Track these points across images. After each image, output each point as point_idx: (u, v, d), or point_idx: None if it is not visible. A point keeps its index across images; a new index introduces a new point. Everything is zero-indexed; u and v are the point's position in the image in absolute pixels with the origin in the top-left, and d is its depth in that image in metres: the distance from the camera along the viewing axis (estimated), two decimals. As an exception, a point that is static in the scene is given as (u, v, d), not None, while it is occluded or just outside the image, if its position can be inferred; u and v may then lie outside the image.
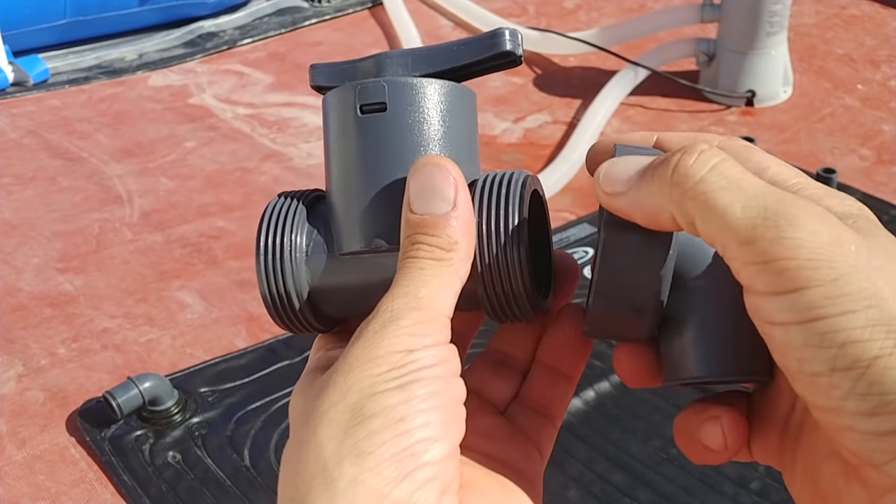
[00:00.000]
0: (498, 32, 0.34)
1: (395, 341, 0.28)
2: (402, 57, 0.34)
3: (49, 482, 0.98)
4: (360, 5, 2.16)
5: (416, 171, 0.32)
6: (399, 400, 0.27)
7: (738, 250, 0.27)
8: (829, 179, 1.41)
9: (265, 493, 0.96)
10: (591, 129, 1.58)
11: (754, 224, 0.26)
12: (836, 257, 0.26)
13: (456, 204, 0.31)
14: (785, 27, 1.68)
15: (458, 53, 0.34)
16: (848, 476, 0.27)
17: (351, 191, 0.34)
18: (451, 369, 0.29)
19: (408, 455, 0.27)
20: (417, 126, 0.33)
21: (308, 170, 1.55)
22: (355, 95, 0.33)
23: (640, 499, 0.94)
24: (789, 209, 0.26)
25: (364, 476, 0.26)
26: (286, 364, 1.13)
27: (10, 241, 1.38)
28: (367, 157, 0.33)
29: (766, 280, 0.26)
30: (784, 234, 0.26)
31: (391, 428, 0.27)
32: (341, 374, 0.28)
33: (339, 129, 0.34)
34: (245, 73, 1.89)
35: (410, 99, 0.33)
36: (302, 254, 0.34)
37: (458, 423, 0.29)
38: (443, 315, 0.30)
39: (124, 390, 1.02)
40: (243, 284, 1.27)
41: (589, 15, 2.12)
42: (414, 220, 0.31)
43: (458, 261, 0.31)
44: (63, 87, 1.83)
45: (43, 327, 1.20)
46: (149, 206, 1.46)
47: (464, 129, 0.34)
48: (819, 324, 0.25)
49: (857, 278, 0.25)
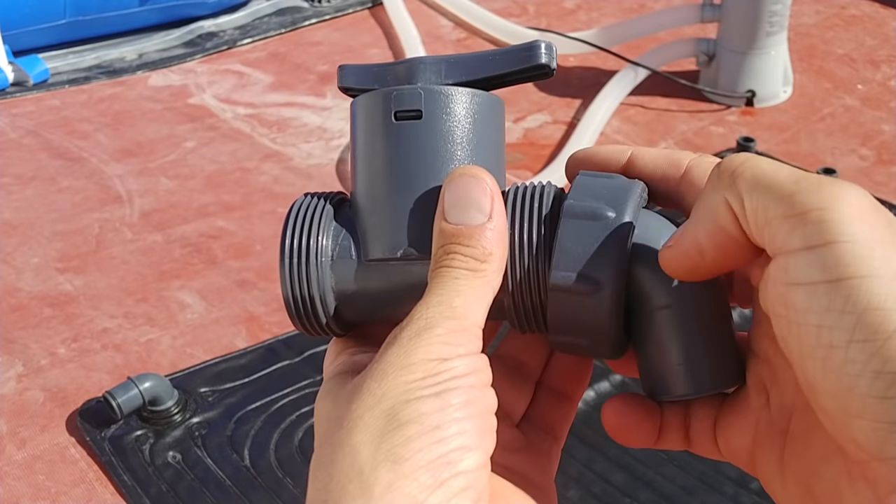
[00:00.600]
0: (534, 45, 0.34)
1: (429, 349, 0.29)
2: (435, 64, 0.34)
3: (49, 482, 0.98)
4: (360, 5, 2.16)
5: (453, 180, 0.32)
6: (435, 408, 0.27)
7: (778, 205, 0.27)
8: (829, 179, 1.41)
9: (265, 493, 0.96)
10: (591, 129, 1.58)
11: (797, 180, 0.27)
12: (872, 220, 0.26)
13: (492, 216, 0.31)
14: (785, 27, 1.68)
15: (493, 63, 0.34)
16: (851, 475, 0.27)
17: (380, 196, 0.33)
18: (483, 379, 0.29)
19: (444, 463, 0.27)
20: (451, 135, 0.33)
21: (308, 170, 1.55)
22: (391, 101, 0.33)
23: (640, 499, 0.94)
24: (830, 182, 0.27)
25: (400, 482, 0.26)
26: (286, 364, 1.13)
27: (10, 241, 1.38)
28: (400, 164, 0.33)
29: (801, 233, 0.26)
30: (824, 188, 0.26)
31: (427, 435, 0.27)
32: (375, 380, 0.28)
33: (372, 134, 0.34)
34: (245, 73, 1.89)
35: (446, 107, 0.33)
36: (328, 258, 0.34)
37: (490, 433, 0.29)
38: (475, 325, 0.30)
39: (124, 390, 1.02)
40: (243, 284, 1.27)
41: (589, 15, 2.12)
42: (449, 230, 0.31)
43: (492, 272, 0.31)
44: (63, 87, 1.83)
45: (43, 327, 1.20)
46: (149, 206, 1.46)
47: (495, 139, 0.35)
48: (844, 284, 0.25)
49: (889, 242, 0.25)
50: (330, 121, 1.70)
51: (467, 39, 2.01)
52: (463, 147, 0.33)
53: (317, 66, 1.91)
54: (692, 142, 1.60)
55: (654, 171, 0.33)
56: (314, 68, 1.90)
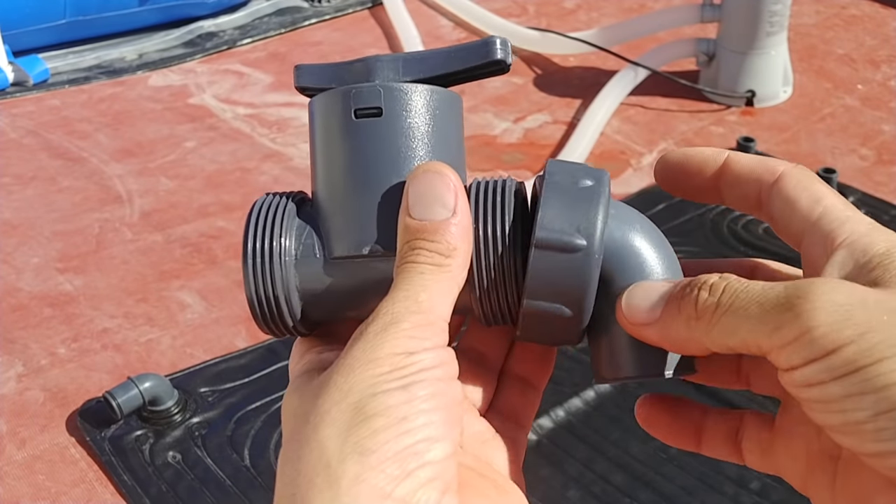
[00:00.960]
0: (490, 41, 0.34)
1: (395, 343, 0.29)
2: (392, 61, 0.34)
3: (49, 482, 0.98)
4: (360, 5, 2.16)
5: (416, 177, 0.32)
6: (401, 400, 0.28)
7: (768, 341, 0.28)
8: (829, 179, 1.41)
9: (265, 493, 0.96)
10: (591, 129, 1.58)
11: (772, 313, 0.28)
12: (855, 315, 0.27)
13: (456, 211, 0.32)
14: (785, 27, 1.68)
15: (450, 60, 0.34)
16: None
17: (343, 194, 0.34)
18: (450, 371, 0.30)
19: (410, 454, 0.27)
20: (412, 131, 0.33)
21: (308, 170, 1.55)
22: (350, 99, 0.33)
23: (640, 499, 0.94)
24: (800, 289, 0.28)
25: (367, 474, 0.27)
26: (286, 364, 1.12)
27: (10, 241, 1.38)
28: (361, 162, 0.33)
29: (801, 354, 0.27)
30: (801, 309, 0.27)
31: (394, 427, 0.27)
32: (342, 375, 0.29)
33: (331, 133, 0.34)
34: (245, 73, 1.89)
35: (406, 104, 0.33)
36: (291, 257, 0.34)
37: (457, 425, 0.29)
38: (441, 319, 0.30)
39: (124, 390, 1.02)
40: (243, 284, 1.27)
41: (589, 15, 2.12)
42: (413, 226, 0.31)
43: (457, 267, 0.31)
44: (63, 87, 1.83)
45: (43, 327, 1.20)
46: (149, 206, 1.46)
47: (455, 134, 0.35)
48: (857, 374, 0.26)
49: (881, 328, 0.26)
50: (330, 121, 1.70)
51: (467, 39, 2.01)
52: (424, 143, 0.33)
53: (317, 66, 1.91)
54: (692, 142, 1.60)
55: (750, 175, 0.34)
56: (314, 68, 1.90)
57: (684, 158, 0.35)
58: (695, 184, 0.35)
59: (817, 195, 0.32)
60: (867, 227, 0.30)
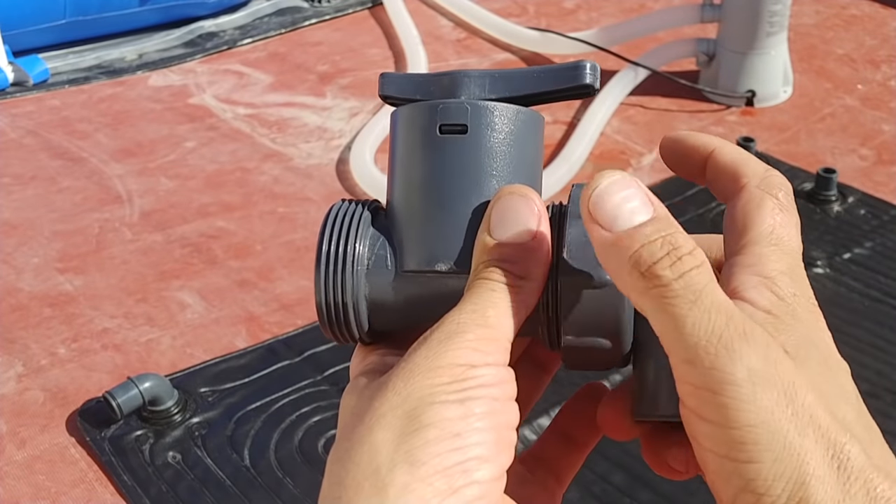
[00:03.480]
0: (580, 65, 0.34)
1: (458, 354, 0.29)
2: (480, 78, 0.34)
3: (49, 482, 0.98)
4: (360, 5, 2.16)
5: (502, 197, 0.32)
6: (457, 414, 0.27)
7: (677, 364, 0.28)
8: (829, 179, 1.41)
9: (265, 493, 0.96)
10: (592, 129, 1.58)
11: (696, 344, 0.27)
12: (760, 401, 0.26)
13: (537, 236, 0.31)
14: (785, 27, 1.68)
15: (538, 81, 0.34)
16: None
17: (420, 208, 0.33)
18: (508, 392, 0.29)
19: (460, 471, 0.27)
20: (495, 151, 0.33)
21: (308, 170, 1.55)
22: (437, 114, 0.33)
23: (640, 499, 0.94)
24: (734, 340, 0.27)
25: (415, 485, 0.26)
26: (286, 364, 1.13)
27: (10, 241, 1.38)
28: (442, 177, 0.33)
29: (695, 402, 0.27)
30: (719, 365, 0.26)
31: (447, 441, 0.27)
32: (401, 379, 0.29)
33: (414, 145, 0.34)
34: (245, 73, 1.89)
35: (491, 123, 0.33)
36: (363, 266, 0.34)
37: (508, 448, 0.29)
38: (506, 338, 0.30)
39: (124, 390, 1.02)
40: (243, 284, 1.27)
41: (589, 15, 2.12)
42: (493, 245, 0.31)
43: (529, 291, 0.31)
44: (63, 87, 1.83)
45: (43, 327, 1.20)
46: (149, 206, 1.46)
47: (535, 156, 0.35)
48: (728, 462, 0.27)
49: (773, 428, 0.26)
50: (330, 121, 1.70)
51: (467, 39, 2.01)
52: (506, 164, 0.33)
53: (317, 66, 1.91)
54: (692, 142, 1.60)
55: (724, 175, 0.33)
56: (314, 68, 1.90)
57: (681, 141, 0.34)
58: (688, 168, 0.34)
59: (750, 223, 0.31)
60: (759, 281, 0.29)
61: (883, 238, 1.33)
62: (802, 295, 0.29)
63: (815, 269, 1.26)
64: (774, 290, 0.29)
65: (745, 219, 0.31)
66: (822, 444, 0.26)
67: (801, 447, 0.26)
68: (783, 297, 0.29)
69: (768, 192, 0.31)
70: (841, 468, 0.26)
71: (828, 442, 0.26)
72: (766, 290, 0.29)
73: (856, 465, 0.26)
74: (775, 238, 0.30)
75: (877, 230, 1.35)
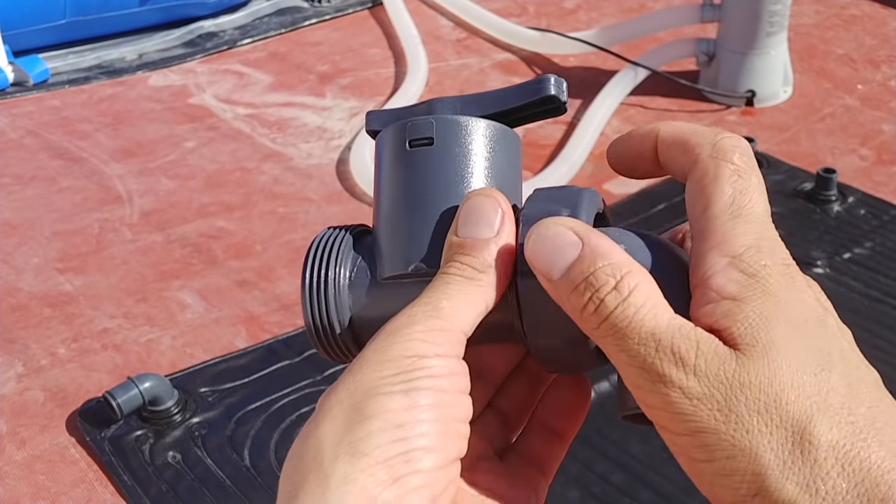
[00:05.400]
0: (543, 79, 0.36)
1: (406, 345, 0.29)
2: (451, 101, 0.36)
3: (49, 482, 0.98)
4: (360, 5, 2.16)
5: (468, 199, 0.33)
6: (401, 405, 0.28)
7: (630, 381, 0.29)
8: (829, 179, 1.41)
9: (265, 492, 0.96)
10: (591, 129, 1.58)
11: (634, 374, 0.28)
12: (699, 411, 0.27)
13: (499, 232, 0.32)
14: (785, 27, 1.68)
15: (504, 98, 0.36)
16: None
17: (396, 219, 0.35)
18: (457, 384, 0.29)
19: (402, 461, 0.27)
20: (462, 159, 0.35)
21: (308, 170, 1.55)
22: (405, 131, 0.35)
23: (640, 499, 0.94)
24: (678, 346, 0.28)
25: (356, 475, 0.27)
26: (286, 364, 1.13)
27: (10, 241, 1.38)
28: (413, 187, 0.35)
29: (652, 415, 0.29)
30: (662, 381, 0.28)
31: (389, 432, 0.27)
32: (351, 374, 0.29)
33: (389, 163, 0.36)
34: (245, 73, 1.89)
35: (456, 134, 0.35)
36: (345, 280, 0.35)
37: (457, 439, 0.29)
38: (460, 330, 0.30)
39: (124, 390, 1.02)
40: (243, 284, 1.27)
41: (589, 15, 2.12)
42: (456, 242, 0.32)
43: (488, 284, 0.31)
44: (63, 87, 1.83)
45: (43, 327, 1.20)
46: (149, 206, 1.46)
47: (507, 166, 0.36)
48: (687, 461, 0.28)
49: (717, 431, 0.27)
50: (330, 121, 1.70)
51: (467, 39, 2.01)
52: (473, 172, 0.35)
53: (317, 66, 1.91)
54: (692, 142, 1.60)
55: (675, 151, 0.33)
56: (314, 68, 1.90)
57: (624, 139, 0.34)
58: (641, 162, 0.34)
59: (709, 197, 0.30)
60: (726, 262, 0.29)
61: (883, 238, 1.33)
62: (773, 263, 0.29)
63: (815, 269, 1.26)
64: (743, 269, 0.29)
65: (704, 192, 0.30)
66: (780, 434, 0.26)
67: (752, 442, 0.26)
68: (753, 274, 0.28)
69: (723, 159, 0.30)
70: (805, 451, 0.26)
71: (787, 428, 0.26)
72: (734, 270, 0.29)
73: (825, 442, 0.26)
74: (736, 208, 0.30)
75: (877, 230, 1.35)
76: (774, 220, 0.31)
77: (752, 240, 0.29)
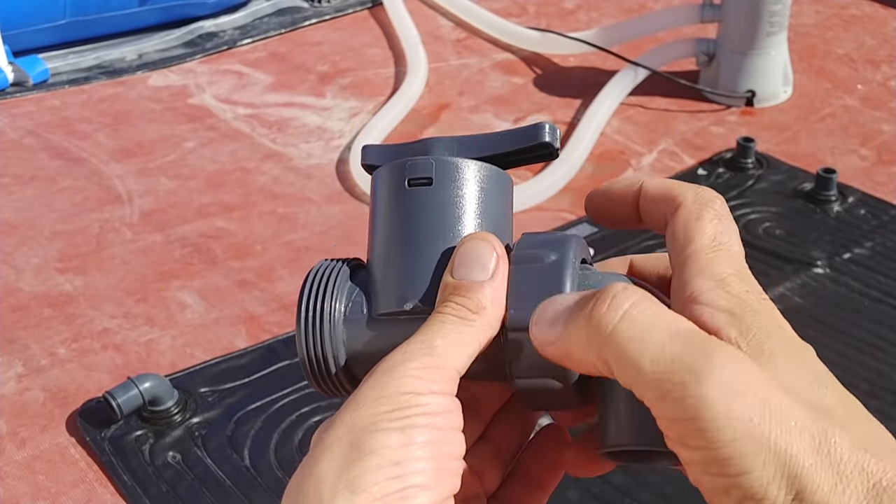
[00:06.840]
0: (539, 125, 0.36)
1: (402, 382, 0.30)
2: (449, 142, 0.37)
3: (49, 482, 0.98)
4: (360, 5, 2.16)
5: (464, 242, 0.34)
6: (398, 442, 0.29)
7: (651, 403, 0.28)
8: (829, 179, 1.41)
9: (265, 493, 0.96)
10: (591, 129, 1.58)
11: (661, 379, 0.27)
12: (736, 414, 0.27)
13: (494, 275, 0.33)
14: (785, 27, 1.68)
15: (500, 142, 0.37)
16: None
17: (391, 256, 0.36)
18: (451, 421, 0.30)
19: (398, 497, 0.28)
20: (459, 201, 0.36)
21: (308, 170, 1.55)
22: (405, 170, 0.36)
23: (640, 499, 0.94)
24: (697, 359, 0.27)
25: None
26: (286, 364, 1.13)
27: (10, 241, 1.38)
28: (410, 226, 0.35)
29: (677, 433, 0.28)
30: (688, 391, 0.27)
31: (386, 469, 0.28)
32: (348, 411, 0.30)
33: (387, 200, 0.36)
34: (245, 73, 1.89)
35: (454, 176, 0.36)
36: (340, 315, 0.36)
37: (451, 477, 0.30)
38: (453, 368, 0.31)
39: (124, 390, 1.02)
40: (243, 284, 1.27)
41: (589, 15, 2.12)
42: (451, 284, 0.33)
43: (482, 325, 0.32)
44: (63, 87, 1.83)
45: (43, 327, 1.20)
46: (149, 206, 1.46)
47: (502, 208, 0.37)
48: (721, 479, 0.27)
49: (755, 435, 0.26)
50: (330, 121, 1.70)
51: (467, 39, 2.01)
52: (470, 213, 0.36)
53: (317, 66, 1.91)
54: (692, 142, 1.60)
55: (657, 205, 0.35)
56: (314, 68, 1.90)
57: (607, 189, 0.36)
58: (620, 214, 0.36)
59: (692, 234, 0.32)
60: (712, 284, 0.30)
61: (883, 238, 1.33)
62: (753, 290, 0.31)
63: (815, 269, 1.26)
64: (728, 290, 0.30)
65: (687, 231, 0.32)
66: (807, 436, 0.26)
67: (787, 444, 0.26)
68: (737, 295, 0.30)
69: (705, 205, 0.33)
70: (830, 453, 0.26)
71: (812, 432, 0.27)
72: (721, 290, 0.30)
73: (843, 447, 0.26)
74: (717, 244, 0.32)
75: (877, 230, 1.35)
76: (775, 219, 0.32)
77: (734, 270, 0.31)
